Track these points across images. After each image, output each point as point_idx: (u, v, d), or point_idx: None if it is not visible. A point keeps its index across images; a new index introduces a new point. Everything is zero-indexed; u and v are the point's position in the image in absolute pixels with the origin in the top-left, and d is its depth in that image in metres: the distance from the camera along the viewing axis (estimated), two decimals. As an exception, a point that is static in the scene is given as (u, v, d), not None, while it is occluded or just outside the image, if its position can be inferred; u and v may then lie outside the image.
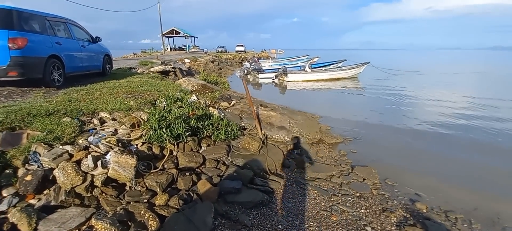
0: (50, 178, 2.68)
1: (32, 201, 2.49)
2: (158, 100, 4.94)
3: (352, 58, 23.09)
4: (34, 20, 5.57)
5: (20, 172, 2.65)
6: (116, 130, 3.67)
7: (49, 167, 2.74)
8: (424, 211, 3.61)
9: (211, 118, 4.74)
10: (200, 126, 4.22)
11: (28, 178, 2.55)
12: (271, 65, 23.43)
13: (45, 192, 2.59)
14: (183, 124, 3.90)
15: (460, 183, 4.46)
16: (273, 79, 17.48)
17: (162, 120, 3.87)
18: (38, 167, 2.71)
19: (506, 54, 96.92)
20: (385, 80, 17.89)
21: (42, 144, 2.92)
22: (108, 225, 2.30)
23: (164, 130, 3.66)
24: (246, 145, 4.47)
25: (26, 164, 2.72)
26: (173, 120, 3.97)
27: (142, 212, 2.61)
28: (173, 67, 11.82)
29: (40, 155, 2.81)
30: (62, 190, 2.61)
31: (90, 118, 3.89)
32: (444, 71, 25.56)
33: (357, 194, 3.91)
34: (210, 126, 4.40)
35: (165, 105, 4.70)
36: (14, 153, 2.76)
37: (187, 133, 3.86)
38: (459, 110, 9.44)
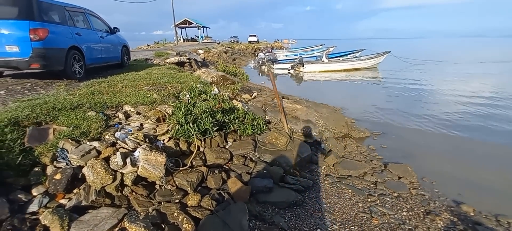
0: (79, 177, 2.56)
1: (62, 201, 2.38)
2: (181, 93, 4.76)
3: (369, 47, 22.20)
4: (53, 10, 5.43)
5: (49, 169, 2.53)
6: (141, 124, 3.52)
7: (78, 164, 2.61)
8: (472, 214, 3.31)
9: (236, 111, 4.54)
10: (226, 120, 4.03)
11: (58, 176, 2.43)
12: (286, 55, 22.85)
13: (75, 191, 2.48)
14: (210, 118, 3.71)
15: (504, 184, 4.09)
16: (289, 70, 17.03)
17: (188, 114, 3.69)
18: (67, 164, 2.58)
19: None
20: (405, 71, 17.12)
21: (69, 140, 2.80)
22: (142, 228, 2.16)
23: (191, 124, 3.48)
24: (273, 140, 4.25)
25: (54, 161, 2.61)
26: (199, 114, 3.78)
27: (175, 213, 2.46)
28: (188, 58, 11.66)
29: (68, 152, 2.69)
30: (92, 189, 2.49)
31: (115, 112, 3.76)
32: (467, 61, 24.30)
33: (395, 194, 3.65)
34: (236, 120, 4.20)
35: (189, 98, 4.52)
36: (42, 150, 2.64)
37: (215, 128, 3.68)
38: (488, 108, 8.76)
